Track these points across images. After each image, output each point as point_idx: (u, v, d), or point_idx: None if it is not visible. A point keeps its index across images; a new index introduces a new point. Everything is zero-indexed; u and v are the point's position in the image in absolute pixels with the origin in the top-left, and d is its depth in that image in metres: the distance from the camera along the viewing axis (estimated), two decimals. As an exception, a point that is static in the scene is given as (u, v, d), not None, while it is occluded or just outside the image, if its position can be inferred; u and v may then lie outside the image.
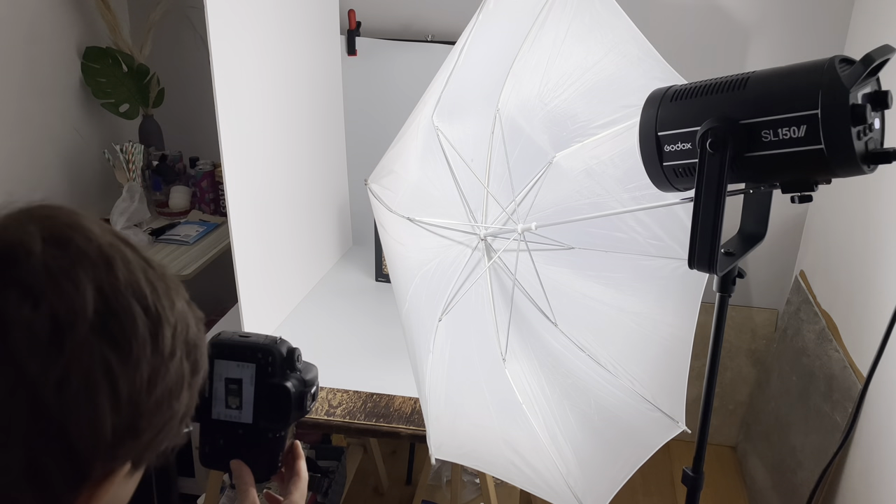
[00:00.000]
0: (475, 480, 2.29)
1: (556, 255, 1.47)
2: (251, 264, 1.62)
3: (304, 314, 1.87)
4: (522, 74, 1.45)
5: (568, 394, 1.40)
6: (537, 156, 1.48)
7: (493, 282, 1.45)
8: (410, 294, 1.29)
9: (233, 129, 1.50)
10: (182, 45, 2.49)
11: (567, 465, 1.33)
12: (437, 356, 1.31)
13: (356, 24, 2.27)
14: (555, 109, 1.45)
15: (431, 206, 1.38)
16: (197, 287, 2.17)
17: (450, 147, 1.38)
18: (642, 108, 1.05)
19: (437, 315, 1.34)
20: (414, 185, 1.37)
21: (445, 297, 1.36)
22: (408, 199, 1.35)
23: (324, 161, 2.11)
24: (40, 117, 2.19)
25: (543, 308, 1.46)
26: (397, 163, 1.33)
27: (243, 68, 1.56)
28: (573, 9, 1.40)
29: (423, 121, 1.34)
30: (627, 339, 1.44)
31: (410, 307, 1.27)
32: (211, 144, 1.56)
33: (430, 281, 1.35)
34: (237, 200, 1.54)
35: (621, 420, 1.38)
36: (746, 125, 0.91)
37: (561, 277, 1.48)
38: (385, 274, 2.05)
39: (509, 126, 1.46)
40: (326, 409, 1.46)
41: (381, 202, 1.30)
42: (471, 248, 1.43)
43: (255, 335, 0.86)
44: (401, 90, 2.27)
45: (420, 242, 1.36)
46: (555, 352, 1.45)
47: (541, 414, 1.37)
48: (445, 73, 1.32)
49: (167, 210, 2.42)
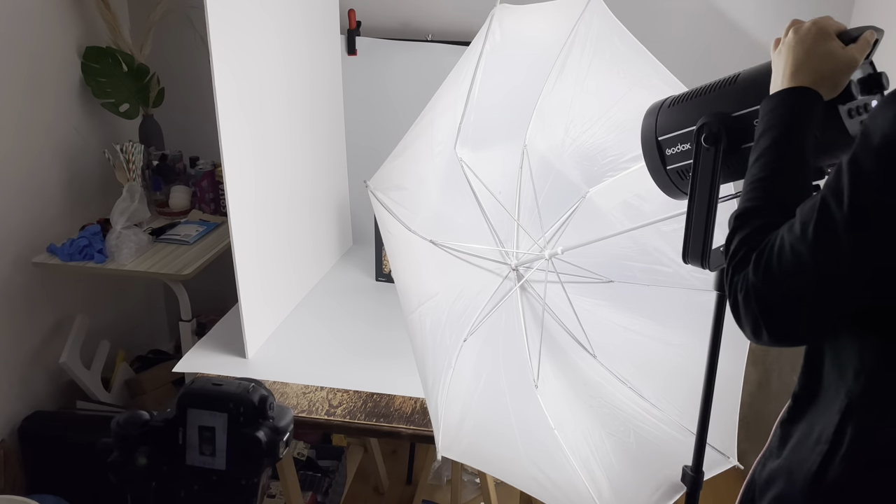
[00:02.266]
0: (475, 480, 2.29)
1: (594, 287, 1.49)
2: (251, 264, 1.62)
3: (304, 314, 1.87)
4: (548, 111, 1.49)
5: (605, 423, 1.40)
6: (570, 191, 1.51)
7: (524, 311, 1.47)
8: (425, 308, 1.30)
9: (233, 129, 1.50)
10: (182, 45, 2.49)
11: (599, 489, 1.32)
12: (459, 373, 1.33)
13: (356, 23, 2.27)
14: (584, 145, 1.48)
15: (457, 233, 1.40)
16: (197, 287, 2.18)
17: (475, 179, 1.42)
18: (643, 119, 1.07)
19: (461, 335, 1.37)
20: (436, 210, 1.40)
21: (472, 321, 1.39)
22: (431, 223, 1.38)
23: (324, 161, 2.11)
24: (40, 117, 2.18)
25: (580, 339, 1.47)
26: (409, 180, 1.36)
27: (243, 68, 1.56)
28: (593, 46, 1.44)
29: (438, 147, 1.37)
30: (674, 372, 1.43)
31: (422, 319, 1.29)
32: (211, 144, 1.56)
33: (455, 303, 1.38)
34: (237, 200, 1.54)
35: (662, 451, 1.36)
36: (739, 117, 0.93)
37: (600, 310, 1.50)
38: (385, 273, 2.05)
39: (538, 161, 1.49)
40: (327, 408, 1.46)
41: (395, 217, 1.32)
42: (500, 277, 1.45)
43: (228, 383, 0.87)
44: (401, 90, 2.27)
45: (442, 266, 1.39)
46: (592, 382, 1.45)
47: (573, 438, 1.36)
48: (459, 99, 1.35)
49: (167, 210, 2.42)
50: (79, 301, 2.34)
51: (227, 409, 0.85)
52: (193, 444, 0.86)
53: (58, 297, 2.27)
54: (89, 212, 2.35)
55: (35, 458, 2.11)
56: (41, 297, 2.21)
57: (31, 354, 2.20)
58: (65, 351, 2.20)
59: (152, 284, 2.75)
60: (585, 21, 1.45)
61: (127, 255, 2.04)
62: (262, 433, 0.85)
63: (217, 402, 0.85)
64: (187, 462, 0.86)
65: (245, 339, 1.61)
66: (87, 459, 2.00)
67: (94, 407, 2.25)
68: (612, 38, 1.44)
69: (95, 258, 2.04)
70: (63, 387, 2.31)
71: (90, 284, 2.39)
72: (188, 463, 0.86)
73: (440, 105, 1.37)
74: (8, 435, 2.10)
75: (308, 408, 1.46)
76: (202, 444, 0.85)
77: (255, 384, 0.87)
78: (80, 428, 2.10)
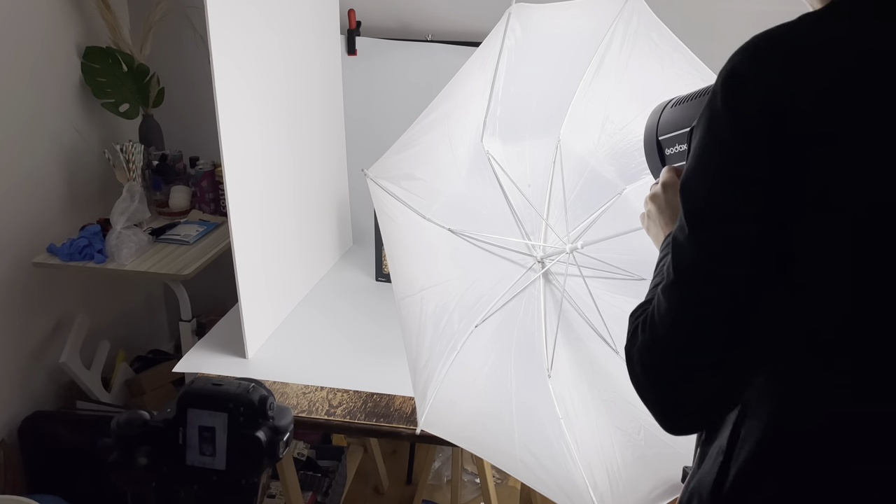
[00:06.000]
0: (475, 480, 2.30)
1: (625, 284, 1.49)
2: (251, 264, 1.62)
3: (304, 314, 1.87)
4: (583, 108, 1.50)
5: (616, 417, 1.40)
6: (604, 187, 1.53)
7: (546, 302, 1.48)
8: (428, 294, 1.33)
9: (233, 129, 1.50)
10: (182, 45, 2.49)
11: (595, 480, 1.32)
12: (464, 356, 1.35)
13: (356, 23, 2.27)
14: (621, 142, 1.50)
15: (479, 223, 1.42)
16: (197, 287, 2.18)
17: (501, 171, 1.43)
18: (647, 117, 1.07)
19: (473, 321, 1.38)
20: (456, 200, 1.42)
21: (487, 308, 1.40)
22: (449, 212, 1.39)
23: (324, 160, 2.11)
24: (40, 117, 2.18)
25: (602, 333, 1.48)
26: (423, 171, 1.37)
27: (243, 68, 1.56)
28: (632, 44, 1.45)
29: (460, 139, 1.38)
30: None
31: (423, 302, 1.32)
32: (211, 144, 1.56)
33: (469, 290, 1.39)
34: (237, 200, 1.54)
35: (672, 451, 1.35)
36: None
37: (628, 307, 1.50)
38: (385, 274, 2.05)
39: (571, 156, 1.51)
40: (327, 409, 1.46)
41: (405, 203, 1.33)
42: (523, 268, 1.45)
43: (228, 383, 0.87)
44: (401, 90, 2.27)
45: (457, 253, 1.41)
46: (610, 376, 1.46)
47: (578, 430, 1.38)
48: (479, 93, 1.36)
49: (167, 210, 2.42)
50: (79, 301, 2.34)
51: (227, 409, 0.85)
52: (193, 444, 0.86)
53: (58, 297, 2.27)
54: (89, 212, 2.35)
55: (35, 458, 2.12)
56: (41, 297, 2.21)
57: (31, 354, 2.20)
58: (65, 351, 2.20)
59: (152, 284, 2.75)
60: (624, 19, 1.47)
61: (127, 255, 2.04)
62: (262, 433, 0.85)
63: (217, 402, 0.85)
64: (187, 462, 0.86)
65: (245, 339, 1.61)
66: (87, 459, 2.00)
67: (94, 407, 2.25)
68: (651, 35, 1.46)
69: (95, 258, 2.04)
70: (63, 387, 2.31)
71: (90, 284, 2.39)
72: (188, 463, 0.86)
73: (454, 99, 1.38)
74: (8, 435, 2.10)
75: (308, 408, 1.46)
76: (202, 444, 0.86)
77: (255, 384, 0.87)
78: (80, 428, 2.10)
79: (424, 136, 1.37)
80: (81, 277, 2.30)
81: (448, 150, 1.39)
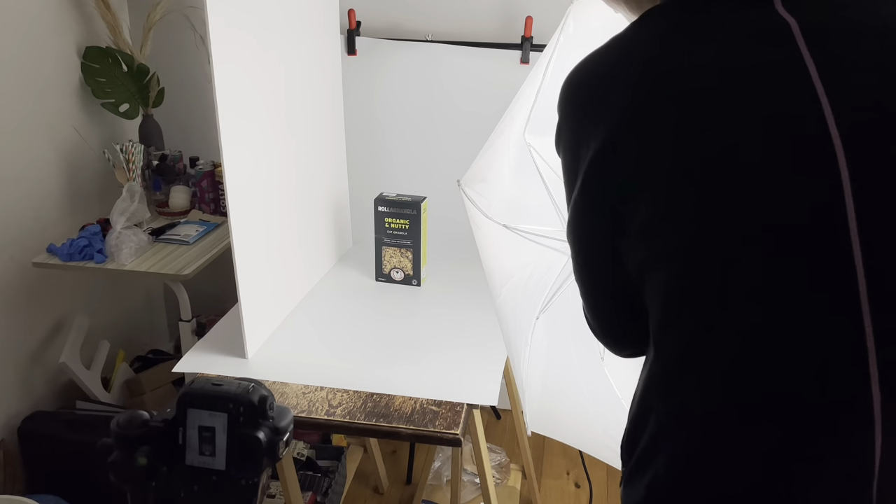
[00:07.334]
0: (475, 480, 2.30)
1: None
2: (251, 264, 1.62)
3: (304, 314, 1.87)
4: None
5: None
6: None
7: None
8: (506, 291, 1.43)
9: (233, 129, 1.50)
10: (182, 45, 2.49)
11: None
12: (535, 349, 1.43)
13: (356, 23, 2.27)
14: None
15: (527, 216, 1.48)
16: (197, 287, 2.19)
17: (542, 162, 1.48)
18: None
19: (534, 313, 1.45)
20: (508, 195, 1.48)
21: (542, 299, 1.47)
22: (504, 208, 1.45)
23: (324, 161, 2.11)
24: (40, 117, 2.19)
25: None
26: (490, 172, 1.45)
27: (243, 68, 1.56)
28: None
29: (514, 137, 1.45)
30: None
31: (505, 301, 1.42)
32: (211, 144, 1.57)
33: (528, 282, 1.46)
34: (237, 200, 1.54)
35: None
36: None
37: None
38: (385, 274, 2.05)
39: None
40: (326, 409, 1.46)
41: (477, 207, 1.43)
42: (566, 255, 1.51)
43: (228, 383, 0.87)
44: (401, 90, 2.27)
45: (515, 247, 1.47)
46: None
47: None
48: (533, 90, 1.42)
49: (167, 210, 2.42)
50: (79, 301, 2.34)
51: (227, 410, 0.85)
52: (193, 445, 0.86)
53: (58, 297, 2.27)
54: (89, 212, 2.35)
55: (35, 458, 2.12)
56: (41, 297, 2.21)
57: (31, 354, 2.21)
58: (65, 351, 2.20)
59: (152, 284, 2.75)
60: None
61: (127, 255, 2.04)
62: (262, 433, 0.85)
63: (217, 402, 0.85)
64: (187, 462, 0.86)
65: (245, 340, 1.61)
66: (87, 459, 2.00)
67: (94, 407, 2.25)
68: None
69: (95, 258, 2.04)
70: (63, 387, 2.31)
71: (90, 284, 2.39)
72: (188, 463, 0.86)
73: (519, 102, 1.45)
74: (8, 435, 2.10)
75: (308, 408, 1.46)
76: (202, 444, 0.86)
77: (255, 384, 0.87)
78: (80, 428, 2.10)
79: (495, 140, 1.45)
80: (81, 277, 2.30)
81: (505, 150, 1.46)
